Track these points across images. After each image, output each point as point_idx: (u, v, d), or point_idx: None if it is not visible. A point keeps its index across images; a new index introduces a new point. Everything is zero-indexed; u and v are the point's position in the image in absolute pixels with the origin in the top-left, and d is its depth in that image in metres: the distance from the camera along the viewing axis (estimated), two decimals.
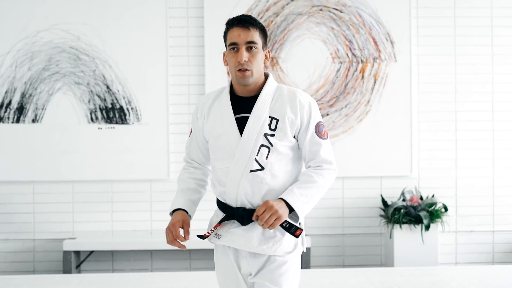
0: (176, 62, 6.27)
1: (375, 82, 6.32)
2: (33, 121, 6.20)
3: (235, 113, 2.85)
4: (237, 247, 2.84)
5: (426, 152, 6.40)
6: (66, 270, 5.93)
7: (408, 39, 6.30)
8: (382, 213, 6.29)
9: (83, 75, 6.22)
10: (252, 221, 2.79)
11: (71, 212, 6.24)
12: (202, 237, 2.88)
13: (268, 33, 6.27)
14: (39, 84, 6.20)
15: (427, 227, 5.98)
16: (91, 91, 6.22)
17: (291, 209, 2.76)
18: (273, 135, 2.81)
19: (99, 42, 6.20)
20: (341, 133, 6.31)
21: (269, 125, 2.82)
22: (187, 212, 2.95)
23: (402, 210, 6.04)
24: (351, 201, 6.34)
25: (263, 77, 2.90)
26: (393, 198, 6.30)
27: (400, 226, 5.99)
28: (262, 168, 2.79)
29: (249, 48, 2.81)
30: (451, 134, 6.41)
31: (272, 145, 2.80)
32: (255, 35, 2.82)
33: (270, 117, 2.82)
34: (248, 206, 2.82)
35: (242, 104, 2.86)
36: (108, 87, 6.22)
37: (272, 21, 6.28)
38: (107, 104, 6.22)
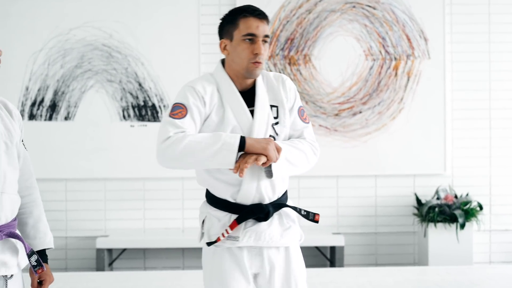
0: (207, 60, 6.25)
1: (408, 80, 6.27)
2: (66, 118, 6.20)
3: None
4: (261, 245, 2.75)
5: (460, 150, 6.34)
6: (99, 267, 5.92)
7: (442, 36, 6.25)
8: (416, 211, 6.24)
9: (115, 73, 6.21)
10: (271, 215, 2.74)
11: (103, 209, 6.24)
12: (214, 242, 2.73)
13: (301, 30, 6.24)
14: (72, 82, 6.20)
15: (462, 226, 5.92)
16: (123, 88, 6.21)
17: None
18: (277, 123, 2.78)
19: (131, 40, 6.19)
20: (374, 131, 6.26)
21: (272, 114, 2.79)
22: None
23: (436, 209, 5.99)
24: (384, 199, 6.30)
25: None
26: (426, 196, 6.25)
27: (435, 225, 5.94)
28: None
29: (264, 42, 2.75)
30: (486, 131, 6.34)
31: (277, 134, 2.78)
32: (268, 29, 2.78)
33: (270, 105, 2.79)
34: (266, 201, 2.75)
35: (243, 98, 2.77)
36: (140, 85, 6.21)
37: (304, 18, 6.24)
38: (139, 102, 6.21)
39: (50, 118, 6.19)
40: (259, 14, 2.74)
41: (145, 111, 6.22)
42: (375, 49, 6.27)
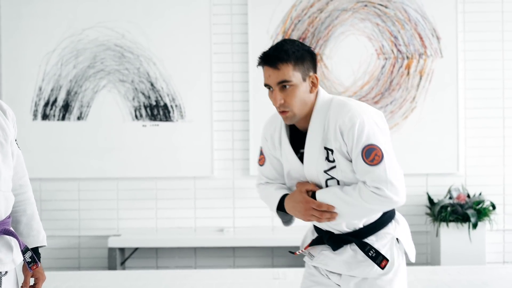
0: (220, 59, 6.26)
1: (420, 79, 6.24)
2: (78, 118, 6.24)
3: (295, 149, 2.70)
4: (329, 269, 2.75)
5: (473, 149, 6.29)
6: (111, 266, 5.96)
7: (454, 35, 6.21)
8: (428, 211, 6.21)
9: (127, 73, 6.24)
10: (341, 246, 2.70)
11: (116, 209, 6.27)
12: (293, 253, 2.89)
13: (312, 30, 6.24)
14: (84, 82, 6.24)
15: (475, 226, 5.88)
16: (136, 88, 6.24)
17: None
18: (334, 167, 2.62)
19: (144, 40, 6.22)
20: None
21: (327, 158, 2.62)
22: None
23: (449, 208, 5.95)
24: None
25: (311, 107, 2.65)
26: (439, 196, 6.22)
27: (447, 224, 5.91)
28: None
29: (283, 87, 2.57)
30: (499, 131, 6.30)
31: (332, 177, 2.64)
32: (288, 72, 2.54)
33: (325, 148, 2.61)
34: (335, 232, 2.72)
35: (299, 138, 2.69)
36: (152, 85, 6.24)
37: (316, 17, 6.23)
38: (151, 102, 6.24)
39: (63, 118, 6.24)
40: (268, 62, 2.58)
41: (157, 110, 6.24)
42: (387, 48, 6.25)
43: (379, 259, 2.65)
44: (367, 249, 2.67)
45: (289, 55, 2.55)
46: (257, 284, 5.10)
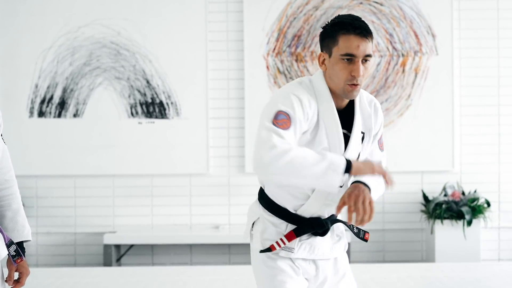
0: (215, 57, 6.28)
1: (416, 76, 6.25)
2: (74, 115, 6.26)
3: None
4: (314, 258, 2.69)
5: (468, 147, 6.30)
6: (107, 263, 5.98)
7: (449, 32, 6.21)
8: (423, 208, 6.22)
9: (123, 70, 6.26)
10: (328, 230, 2.67)
11: (112, 206, 6.29)
12: (268, 250, 2.66)
13: (307, 27, 6.25)
14: (80, 79, 6.26)
15: (469, 223, 5.89)
16: (131, 86, 6.26)
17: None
18: (360, 151, 2.67)
19: (139, 37, 6.23)
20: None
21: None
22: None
23: (443, 205, 5.96)
24: (392, 196, 6.28)
25: None
26: (434, 193, 6.22)
27: (442, 222, 5.91)
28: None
29: (364, 61, 2.53)
30: (494, 128, 6.30)
31: (357, 159, 2.64)
32: (371, 46, 2.56)
33: (361, 132, 2.66)
34: (324, 216, 2.68)
35: (340, 117, 2.63)
36: (148, 82, 6.26)
37: (311, 15, 6.24)
38: (147, 99, 6.26)
39: (59, 115, 6.26)
40: (361, 32, 2.51)
41: (152, 108, 6.26)
42: (383, 45, 6.26)
43: (362, 233, 2.74)
44: (352, 227, 2.75)
45: (371, 33, 2.56)
46: (251, 280, 5.11)
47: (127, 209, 6.29)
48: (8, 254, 2.59)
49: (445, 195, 6.08)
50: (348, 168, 2.45)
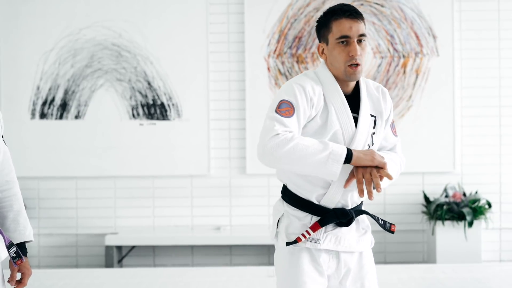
0: (216, 58, 6.29)
1: (417, 77, 6.26)
2: (76, 117, 6.27)
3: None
4: (340, 250, 2.72)
5: (469, 148, 6.30)
6: (108, 264, 5.99)
7: (450, 33, 6.22)
8: (424, 209, 6.22)
9: (124, 72, 6.28)
10: (353, 220, 2.70)
11: (113, 207, 6.31)
12: (294, 242, 2.68)
13: (308, 29, 6.26)
14: (82, 81, 6.28)
15: (470, 224, 5.90)
16: (133, 87, 6.28)
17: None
18: (374, 133, 2.74)
19: (140, 39, 6.25)
20: None
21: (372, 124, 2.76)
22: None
23: (444, 207, 5.97)
24: (393, 197, 6.29)
25: None
26: (435, 194, 6.23)
27: (443, 223, 5.92)
28: None
29: (359, 41, 2.67)
30: (495, 129, 6.30)
31: (373, 143, 2.73)
32: (364, 27, 2.68)
33: (370, 115, 2.75)
34: (349, 206, 2.72)
35: (348, 102, 2.72)
36: (149, 84, 6.27)
37: (312, 16, 6.25)
38: (148, 101, 6.27)
39: (61, 117, 6.27)
40: (351, 14, 2.67)
41: (154, 109, 6.27)
42: (383, 46, 6.27)
43: (387, 225, 2.79)
44: (377, 218, 2.80)
45: (362, 15, 2.71)
46: (252, 281, 5.13)
47: (128, 211, 6.30)
48: (9, 255, 2.61)
49: (446, 196, 6.09)
50: (349, 157, 2.56)
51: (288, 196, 2.77)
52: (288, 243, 2.68)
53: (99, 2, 6.25)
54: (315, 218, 2.70)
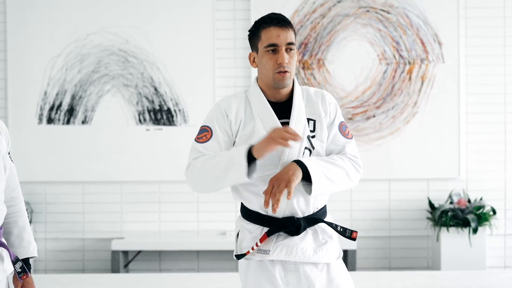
0: (222, 64, 6.32)
1: (422, 84, 6.27)
2: (83, 122, 6.31)
3: None
4: (293, 260, 2.70)
5: (475, 154, 6.32)
6: (115, 269, 6.03)
7: (456, 40, 6.23)
8: (429, 215, 6.24)
9: (131, 77, 6.31)
10: (304, 229, 2.68)
11: (120, 212, 6.34)
12: (243, 255, 2.70)
13: (314, 35, 6.28)
14: (89, 86, 6.32)
15: (475, 230, 5.91)
16: (139, 93, 6.31)
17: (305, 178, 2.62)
18: (313, 137, 2.73)
19: (147, 45, 6.28)
20: (388, 135, 6.28)
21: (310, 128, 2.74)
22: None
23: (449, 213, 5.98)
24: (398, 203, 6.31)
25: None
26: (440, 200, 6.25)
27: (447, 229, 5.94)
28: None
29: (288, 50, 2.70)
30: (501, 136, 6.31)
31: (313, 147, 2.71)
32: (293, 36, 2.71)
33: (307, 118, 2.74)
34: (299, 215, 2.70)
35: (277, 109, 2.74)
36: (156, 89, 6.30)
37: (318, 23, 6.27)
38: (155, 106, 6.30)
39: (68, 122, 6.31)
40: (279, 22, 2.70)
41: (160, 115, 6.30)
42: (389, 53, 6.28)
43: (348, 232, 2.76)
44: (334, 225, 2.77)
45: (291, 23, 2.75)
46: None
47: (134, 215, 6.34)
48: (14, 271, 2.64)
49: (451, 203, 6.11)
50: (250, 153, 2.56)
51: (243, 210, 2.80)
52: (237, 256, 2.72)
53: (106, 8, 6.28)
54: (266, 230, 2.71)
